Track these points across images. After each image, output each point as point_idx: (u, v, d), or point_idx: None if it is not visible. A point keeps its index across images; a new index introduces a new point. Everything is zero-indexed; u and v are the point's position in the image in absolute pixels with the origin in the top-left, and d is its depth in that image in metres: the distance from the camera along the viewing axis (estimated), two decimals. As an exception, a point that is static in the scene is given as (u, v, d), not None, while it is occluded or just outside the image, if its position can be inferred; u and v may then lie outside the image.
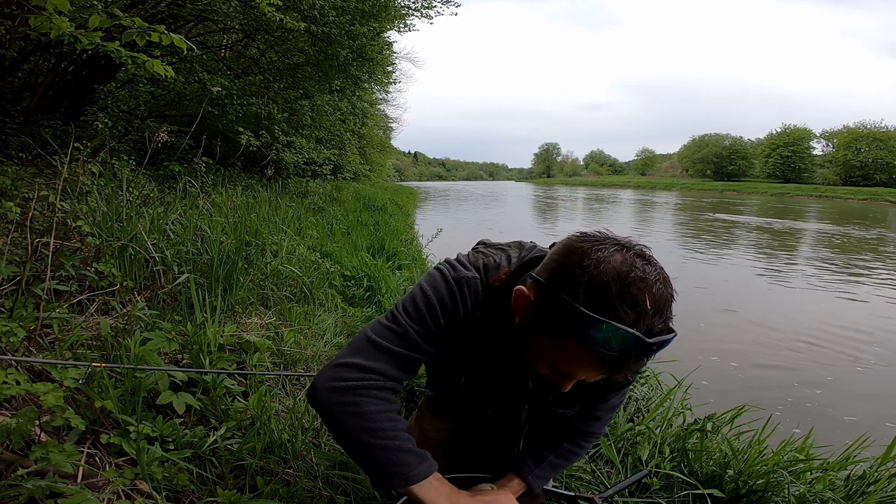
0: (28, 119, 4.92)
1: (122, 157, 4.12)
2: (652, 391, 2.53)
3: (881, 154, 54.79)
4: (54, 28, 1.74)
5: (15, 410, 1.35)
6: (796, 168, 61.49)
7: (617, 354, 0.75)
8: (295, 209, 6.02)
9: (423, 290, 0.96)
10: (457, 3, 8.07)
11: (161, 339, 1.84)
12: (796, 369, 4.21)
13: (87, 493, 1.04)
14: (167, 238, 2.81)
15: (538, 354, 0.86)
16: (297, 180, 9.18)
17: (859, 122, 59.07)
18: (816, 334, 5.16)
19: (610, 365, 0.77)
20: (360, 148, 17.71)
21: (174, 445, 1.43)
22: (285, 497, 1.37)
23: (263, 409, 1.62)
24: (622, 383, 1.17)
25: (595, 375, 0.83)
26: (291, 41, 6.50)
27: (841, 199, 44.32)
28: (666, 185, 68.70)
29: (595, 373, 0.81)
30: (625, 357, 0.75)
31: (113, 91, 6.56)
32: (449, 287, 0.96)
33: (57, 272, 2.03)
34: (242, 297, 2.71)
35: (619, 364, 0.76)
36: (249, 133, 6.13)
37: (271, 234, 3.80)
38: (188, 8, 5.39)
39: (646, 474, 1.62)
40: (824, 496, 1.65)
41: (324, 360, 2.38)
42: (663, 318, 0.76)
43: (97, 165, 3.30)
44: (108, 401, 1.38)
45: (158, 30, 1.89)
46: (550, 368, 0.86)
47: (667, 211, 25.07)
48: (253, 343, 2.09)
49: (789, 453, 1.87)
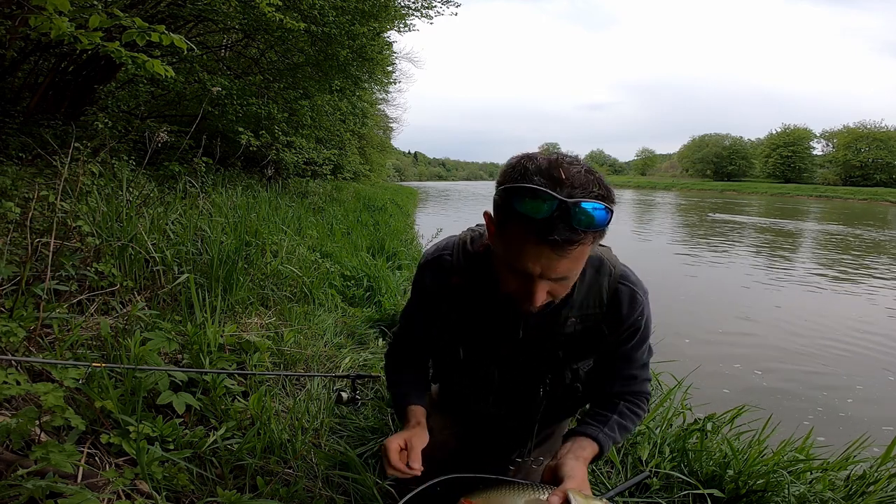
0: (28, 119, 4.92)
1: (122, 157, 4.12)
2: (652, 391, 2.52)
3: (881, 154, 54.81)
4: (54, 28, 1.74)
5: (15, 410, 1.35)
6: (796, 168, 61.51)
7: (543, 220, 0.83)
8: (295, 209, 6.02)
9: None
10: (457, 3, 8.07)
11: (161, 339, 1.84)
12: (824, 374, 4.17)
13: (87, 493, 1.04)
14: (167, 238, 2.81)
15: (502, 267, 0.97)
16: (297, 180, 9.18)
17: (859, 122, 59.15)
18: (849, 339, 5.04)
19: (543, 233, 0.84)
20: (360, 148, 17.72)
21: (174, 445, 1.43)
22: (285, 497, 1.37)
23: (263, 409, 1.62)
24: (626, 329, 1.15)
25: (543, 258, 0.88)
26: (291, 41, 6.50)
27: (841, 199, 44.33)
28: (666, 185, 68.73)
29: (539, 252, 0.88)
30: (552, 221, 0.82)
31: (113, 91, 6.56)
32: (419, 272, 1.25)
33: (57, 272, 2.03)
34: (242, 297, 2.71)
35: (550, 228, 0.83)
36: (249, 133, 6.13)
37: (271, 234, 3.80)
38: (188, 8, 5.39)
39: (647, 476, 1.62)
40: (824, 496, 1.65)
41: (324, 360, 2.39)
42: (587, 192, 0.84)
43: (97, 165, 3.30)
44: (108, 401, 1.38)
45: (158, 30, 1.88)
46: (512, 275, 0.95)
47: (669, 211, 25.06)
48: (253, 343, 2.09)
49: (789, 453, 1.87)
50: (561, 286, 0.97)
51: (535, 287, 0.93)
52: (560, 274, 0.93)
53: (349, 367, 2.32)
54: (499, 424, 1.50)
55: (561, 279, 0.95)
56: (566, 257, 0.89)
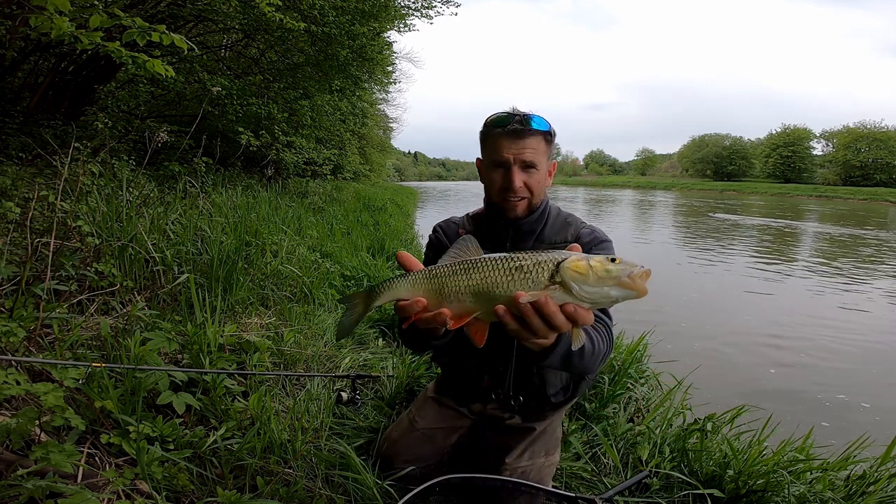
0: (28, 119, 4.92)
1: (122, 157, 4.12)
2: (652, 391, 2.53)
3: (881, 154, 54.79)
4: (55, 28, 1.74)
5: (15, 410, 1.35)
6: (796, 168, 61.49)
7: (507, 124, 1.33)
8: (295, 209, 6.02)
9: None
10: (457, 3, 8.07)
11: (161, 339, 1.84)
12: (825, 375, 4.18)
13: (87, 493, 1.04)
14: (167, 238, 2.81)
15: (489, 174, 1.41)
16: (297, 180, 9.18)
17: (859, 123, 59.11)
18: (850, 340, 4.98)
19: (507, 128, 1.33)
20: (360, 148, 17.72)
21: (174, 445, 1.43)
22: (285, 497, 1.37)
23: (263, 409, 1.62)
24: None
25: (513, 146, 1.33)
26: (291, 41, 6.49)
27: (841, 198, 44.31)
28: (666, 185, 68.70)
29: (509, 143, 1.33)
30: (512, 123, 1.33)
31: (113, 91, 6.56)
32: (432, 231, 1.63)
33: (57, 272, 2.03)
34: (242, 297, 2.71)
35: (510, 125, 1.33)
36: (249, 133, 6.13)
37: (271, 234, 3.80)
38: (188, 8, 5.39)
39: (646, 475, 1.62)
40: (824, 496, 1.65)
41: (324, 360, 2.39)
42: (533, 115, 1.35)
43: (97, 165, 3.30)
44: (108, 401, 1.38)
45: (159, 29, 1.89)
46: (495, 172, 1.38)
47: (670, 212, 25.06)
48: (253, 343, 2.09)
49: (789, 453, 1.87)
50: (531, 178, 1.36)
51: (512, 171, 1.34)
52: (527, 158, 1.33)
53: (349, 367, 2.32)
54: (494, 419, 1.53)
55: (529, 167, 1.35)
56: (526, 146, 1.33)
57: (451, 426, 1.61)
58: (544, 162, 1.38)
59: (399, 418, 1.70)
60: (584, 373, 1.47)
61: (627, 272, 0.76)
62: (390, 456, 1.55)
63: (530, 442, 1.51)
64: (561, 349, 1.03)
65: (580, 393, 1.62)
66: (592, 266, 0.78)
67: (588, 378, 1.58)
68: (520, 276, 0.82)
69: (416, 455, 1.54)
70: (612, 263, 0.77)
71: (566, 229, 1.47)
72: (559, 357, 1.06)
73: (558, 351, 1.03)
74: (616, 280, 0.77)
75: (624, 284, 0.77)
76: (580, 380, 1.54)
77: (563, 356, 1.07)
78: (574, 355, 1.09)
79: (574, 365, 1.15)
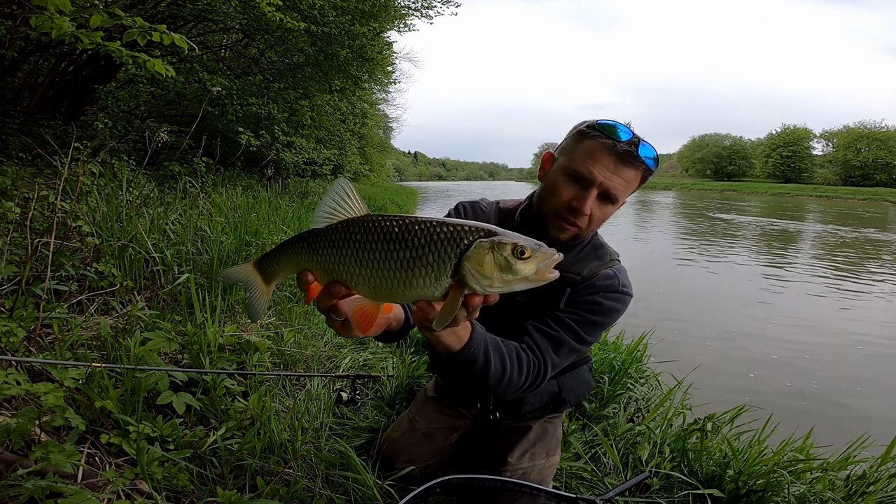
0: (28, 119, 4.92)
1: (122, 157, 4.12)
2: (652, 391, 2.53)
3: (881, 154, 54.81)
4: (55, 28, 1.75)
5: (15, 410, 1.35)
6: (796, 168, 61.51)
7: (618, 140, 1.12)
8: (295, 209, 6.02)
9: None
10: (457, 3, 8.08)
11: (161, 339, 1.84)
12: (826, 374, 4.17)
13: (87, 493, 1.04)
14: (167, 238, 2.82)
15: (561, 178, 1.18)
16: (297, 180, 9.18)
17: (859, 123, 59.15)
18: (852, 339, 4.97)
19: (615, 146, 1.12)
20: (360, 148, 17.72)
21: (174, 445, 1.43)
22: (285, 497, 1.37)
23: (263, 409, 1.62)
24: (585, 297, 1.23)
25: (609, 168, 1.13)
26: (291, 41, 6.50)
27: (841, 199, 44.30)
28: (666, 185, 68.72)
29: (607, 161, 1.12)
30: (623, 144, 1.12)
31: (113, 91, 6.56)
32: (454, 208, 1.44)
33: (57, 272, 2.03)
34: (242, 297, 2.71)
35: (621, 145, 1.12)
36: (249, 133, 6.14)
37: (271, 234, 3.80)
38: (188, 8, 5.39)
39: (647, 476, 1.62)
40: (824, 496, 1.65)
41: (324, 360, 2.39)
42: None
43: (97, 165, 3.31)
44: (108, 401, 1.38)
45: (160, 29, 1.89)
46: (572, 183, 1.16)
47: (670, 212, 25.06)
48: (253, 343, 2.09)
49: (789, 453, 1.87)
50: (601, 211, 1.18)
51: (589, 193, 1.14)
52: (612, 188, 1.13)
53: (349, 367, 2.32)
54: (490, 422, 1.51)
55: (607, 199, 1.15)
56: (622, 174, 1.13)
57: (450, 426, 1.61)
58: (626, 198, 1.20)
59: (399, 418, 1.70)
60: (495, 395, 1.37)
61: (534, 270, 0.69)
62: (390, 456, 1.55)
63: (531, 443, 1.51)
64: (463, 359, 1.00)
65: (566, 407, 1.57)
66: (498, 265, 0.68)
67: (566, 398, 1.48)
68: (420, 270, 0.69)
69: (416, 455, 1.54)
70: (521, 260, 0.68)
71: (588, 262, 1.27)
72: (462, 365, 1.02)
73: (460, 359, 1.00)
74: (523, 279, 0.69)
75: (532, 280, 0.69)
76: (561, 401, 1.48)
77: (466, 366, 1.02)
78: (477, 370, 1.04)
79: (479, 382, 1.07)
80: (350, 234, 0.72)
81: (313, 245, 0.75)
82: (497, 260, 0.67)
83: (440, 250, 0.68)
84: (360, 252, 0.71)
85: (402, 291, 0.71)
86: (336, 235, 0.73)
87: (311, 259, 0.76)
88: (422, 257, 0.68)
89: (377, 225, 0.71)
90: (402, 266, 0.69)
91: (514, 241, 0.68)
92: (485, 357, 1.05)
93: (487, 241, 0.68)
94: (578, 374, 1.51)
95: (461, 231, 0.69)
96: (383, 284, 0.71)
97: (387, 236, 0.70)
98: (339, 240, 0.73)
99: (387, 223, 0.71)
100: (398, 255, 0.69)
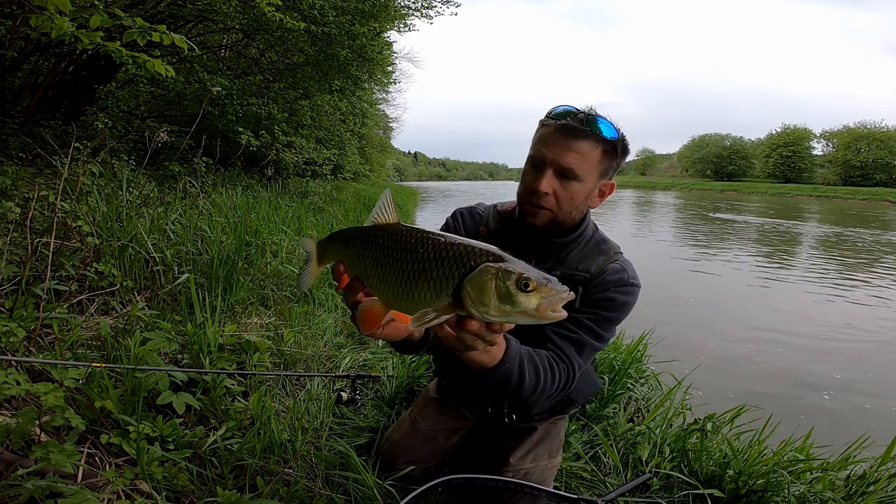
0: (28, 119, 4.92)
1: (122, 157, 4.12)
2: (652, 391, 2.53)
3: (881, 154, 54.82)
4: (55, 28, 1.75)
5: (15, 410, 1.35)
6: (796, 168, 61.51)
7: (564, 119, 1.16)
8: (295, 209, 6.02)
9: None
10: (457, 3, 8.08)
11: (161, 339, 1.84)
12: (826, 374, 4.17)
13: (87, 493, 1.04)
14: (167, 238, 2.82)
15: (525, 169, 1.24)
16: (297, 180, 9.18)
17: (859, 122, 59.14)
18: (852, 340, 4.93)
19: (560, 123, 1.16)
20: (360, 148, 17.72)
21: (174, 445, 1.43)
22: (285, 497, 1.36)
23: (263, 409, 1.62)
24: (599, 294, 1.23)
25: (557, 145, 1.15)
26: (291, 41, 6.50)
27: (841, 199, 44.31)
28: (666, 185, 68.74)
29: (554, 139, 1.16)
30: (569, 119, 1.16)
31: (113, 91, 6.56)
32: (451, 216, 1.44)
33: (57, 272, 2.03)
34: (242, 297, 2.71)
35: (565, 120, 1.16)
36: (249, 133, 6.14)
37: (271, 234, 3.80)
38: (188, 8, 5.39)
39: (648, 478, 1.62)
40: (824, 496, 1.65)
41: (324, 360, 2.39)
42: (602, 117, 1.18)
43: (97, 165, 3.31)
44: (108, 401, 1.38)
45: (160, 29, 1.89)
46: (530, 168, 1.21)
47: (670, 212, 25.05)
48: (253, 343, 2.09)
49: (789, 453, 1.87)
50: (564, 189, 1.17)
51: (543, 173, 1.16)
52: (566, 163, 1.14)
53: (349, 367, 2.32)
54: (496, 423, 1.51)
55: (566, 174, 1.15)
56: (572, 148, 1.14)
57: (452, 427, 1.60)
58: (592, 175, 1.17)
59: (400, 419, 1.70)
60: (523, 405, 1.38)
61: (535, 306, 0.65)
62: (391, 456, 1.55)
63: (534, 444, 1.50)
64: (496, 377, 0.99)
65: (574, 407, 1.58)
66: (498, 293, 0.65)
67: (574, 399, 1.49)
68: (423, 283, 0.69)
69: (417, 456, 1.54)
70: (523, 292, 0.64)
71: (594, 258, 1.27)
72: (493, 382, 1.01)
73: (493, 377, 0.99)
74: (522, 313, 0.65)
75: (532, 316, 0.65)
76: (569, 402, 1.49)
77: (498, 384, 1.02)
78: (510, 386, 1.03)
79: (511, 395, 1.07)
80: (374, 236, 0.77)
81: (347, 240, 0.84)
82: (498, 287, 0.65)
83: (445, 267, 0.68)
84: (377, 255, 0.75)
85: (406, 301, 0.72)
86: (364, 236, 0.79)
87: (344, 253, 0.84)
88: (427, 271, 0.69)
89: (398, 233, 0.74)
90: (408, 276, 0.70)
91: (521, 271, 0.65)
92: (519, 371, 1.05)
93: (494, 267, 0.66)
94: (585, 374, 1.51)
95: (470, 251, 0.68)
96: (390, 290, 0.73)
97: (401, 245, 0.72)
98: (365, 240, 0.78)
99: (406, 233, 0.73)
100: (407, 264, 0.71)
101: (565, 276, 1.24)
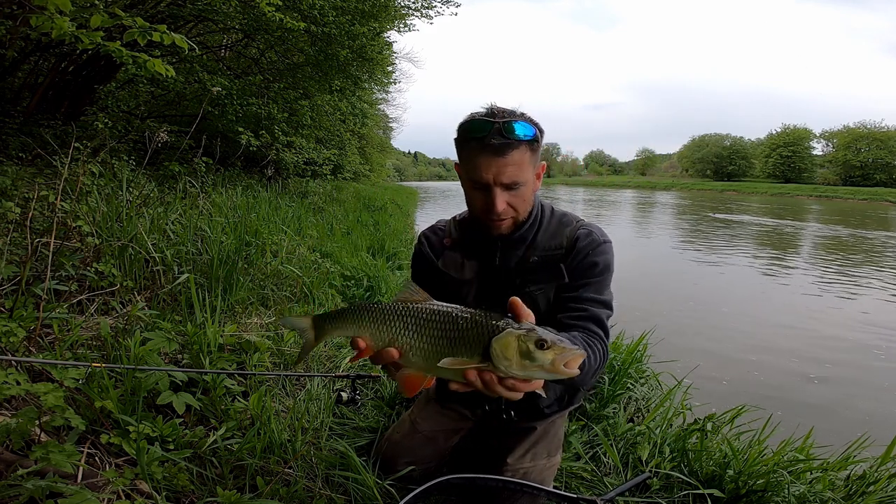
0: (28, 119, 4.92)
1: (122, 157, 4.12)
2: (652, 391, 2.53)
3: (881, 154, 54.74)
4: (56, 28, 1.75)
5: (15, 410, 1.35)
6: (796, 168, 61.43)
7: (484, 136, 1.14)
8: (295, 209, 6.02)
9: None
10: (457, 3, 8.07)
11: (161, 339, 1.84)
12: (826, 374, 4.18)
13: (87, 493, 1.04)
14: (167, 238, 2.81)
15: (469, 191, 1.27)
16: (297, 180, 9.17)
17: (859, 123, 59.03)
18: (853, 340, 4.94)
19: (485, 144, 1.15)
20: (360, 148, 17.71)
21: (174, 445, 1.43)
22: (285, 497, 1.37)
23: (263, 409, 1.62)
24: (581, 261, 1.29)
25: (493, 166, 1.16)
26: (291, 41, 6.50)
27: (841, 199, 44.25)
28: (666, 185, 68.66)
29: (488, 161, 1.16)
30: (490, 135, 1.14)
31: (113, 91, 6.56)
32: (417, 242, 1.52)
33: (57, 272, 2.03)
34: (242, 297, 2.71)
35: (489, 139, 1.14)
36: (249, 133, 6.13)
37: (271, 234, 3.80)
38: (188, 8, 5.39)
39: (647, 476, 1.62)
40: (824, 496, 1.65)
41: (324, 360, 2.39)
42: (514, 117, 1.16)
43: (97, 165, 3.31)
44: (108, 401, 1.38)
45: (160, 29, 1.89)
46: (476, 192, 1.23)
47: (670, 212, 25.05)
48: (253, 343, 2.09)
49: (789, 453, 1.87)
50: (516, 197, 1.22)
51: (493, 194, 1.20)
52: (509, 178, 1.18)
53: (349, 368, 2.32)
54: (492, 422, 1.51)
55: (512, 187, 1.20)
56: (508, 163, 1.16)
57: (453, 428, 1.60)
58: (530, 174, 1.23)
59: (400, 419, 1.70)
60: (579, 387, 1.47)
61: (550, 360, 0.75)
62: (391, 457, 1.55)
63: (533, 443, 1.50)
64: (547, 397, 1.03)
65: (578, 400, 1.61)
66: (518, 350, 0.77)
67: (583, 389, 1.57)
68: (461, 345, 0.82)
69: (417, 456, 1.54)
70: (540, 350, 0.76)
71: (561, 232, 1.34)
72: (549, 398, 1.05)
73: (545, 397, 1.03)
74: (539, 367, 0.76)
75: (548, 370, 0.76)
76: (575, 391, 1.53)
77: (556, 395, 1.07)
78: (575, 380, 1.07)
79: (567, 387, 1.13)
80: (415, 312, 0.87)
81: (371, 316, 0.90)
82: (520, 346, 0.77)
83: (480, 330, 0.81)
84: (420, 327, 0.85)
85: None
86: (401, 310, 0.88)
87: (362, 328, 0.90)
88: (465, 336, 0.81)
89: (438, 308, 0.86)
90: (449, 342, 0.82)
91: (540, 335, 0.77)
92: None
93: (517, 330, 0.79)
94: None
95: (498, 319, 0.82)
96: (432, 356, 0.84)
97: (442, 317, 0.84)
98: (405, 315, 0.87)
99: (444, 307, 0.86)
100: (450, 333, 0.83)
101: (545, 259, 1.32)
